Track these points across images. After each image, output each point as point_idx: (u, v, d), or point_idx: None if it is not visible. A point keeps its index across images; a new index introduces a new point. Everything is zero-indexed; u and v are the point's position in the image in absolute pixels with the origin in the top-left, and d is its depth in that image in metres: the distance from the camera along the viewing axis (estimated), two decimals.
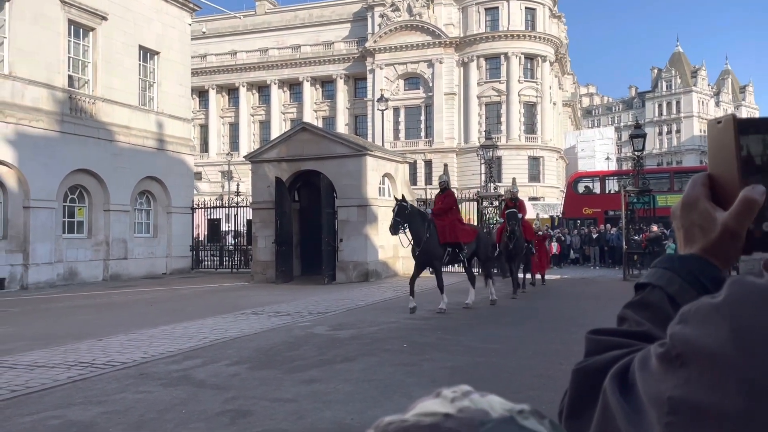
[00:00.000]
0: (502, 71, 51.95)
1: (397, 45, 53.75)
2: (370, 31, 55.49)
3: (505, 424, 0.49)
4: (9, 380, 6.74)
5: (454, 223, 12.09)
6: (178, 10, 25.55)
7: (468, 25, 52.87)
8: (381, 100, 32.55)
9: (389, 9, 54.53)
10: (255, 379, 6.78)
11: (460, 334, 9.43)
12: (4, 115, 18.18)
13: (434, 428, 0.49)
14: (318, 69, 58.35)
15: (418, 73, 54.12)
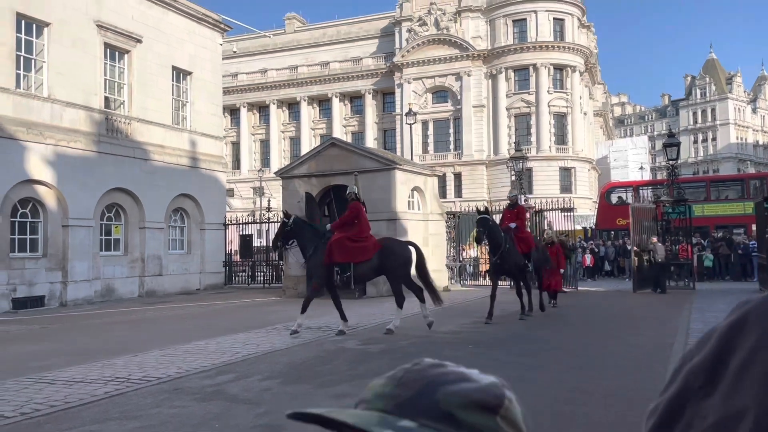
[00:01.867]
0: (531, 82, 51.67)
1: (425, 59, 53.96)
2: (398, 46, 55.83)
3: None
4: (48, 395, 6.90)
5: (342, 240, 10.69)
6: (209, 31, 26.13)
7: (496, 38, 52.81)
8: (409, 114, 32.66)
9: (416, 24, 54.84)
10: (287, 393, 6.81)
11: (493, 349, 9.33)
12: (43, 137, 18.77)
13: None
14: (346, 85, 58.89)
15: (447, 87, 54.18)
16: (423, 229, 20.52)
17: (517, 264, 12.48)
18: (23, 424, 5.87)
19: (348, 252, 10.59)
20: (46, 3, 19.17)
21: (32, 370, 8.43)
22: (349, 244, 10.63)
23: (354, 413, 0.61)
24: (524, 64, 51.65)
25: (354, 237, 10.72)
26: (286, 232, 11.05)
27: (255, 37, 62.87)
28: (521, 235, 12.79)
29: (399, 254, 10.98)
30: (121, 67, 22.16)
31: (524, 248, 12.71)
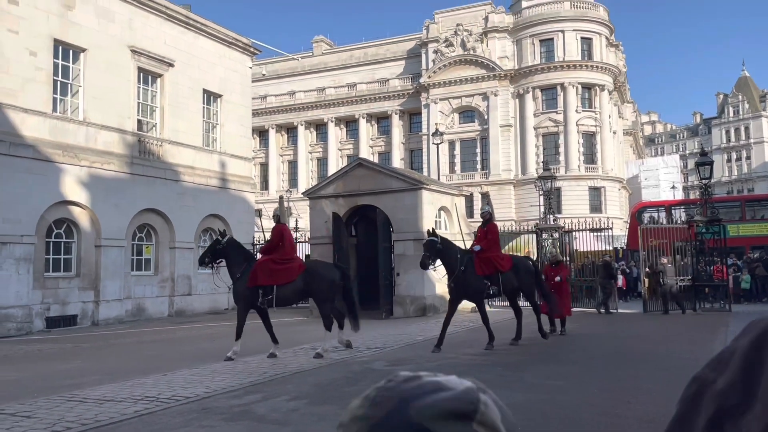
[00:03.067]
0: (559, 102, 51.41)
1: (452, 79, 54.16)
2: (425, 67, 56.18)
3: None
4: (80, 414, 6.98)
5: (266, 263, 10.71)
6: (239, 55, 26.66)
7: (523, 57, 52.79)
8: (436, 134, 32.72)
9: (443, 45, 55.17)
10: (314, 414, 6.78)
11: (522, 371, 9.18)
12: (78, 159, 19.26)
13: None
14: (373, 106, 59.35)
15: (473, 107, 54.21)
16: None
17: (474, 288, 11.35)
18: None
19: (271, 274, 10.54)
20: (82, 29, 19.80)
21: (64, 389, 8.55)
22: (273, 267, 10.59)
23: None
24: (552, 83, 51.46)
25: (277, 259, 10.70)
26: (216, 250, 11.15)
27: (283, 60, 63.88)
28: (484, 255, 11.50)
29: (323, 276, 10.80)
30: (153, 90, 22.71)
31: (486, 270, 11.41)
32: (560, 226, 22.07)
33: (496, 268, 11.51)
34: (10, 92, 17.65)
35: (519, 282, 12.05)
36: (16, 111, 17.77)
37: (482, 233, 12.03)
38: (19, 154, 17.60)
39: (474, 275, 11.28)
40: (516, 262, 12.19)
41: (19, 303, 17.38)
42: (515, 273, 11.88)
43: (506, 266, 11.69)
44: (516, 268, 11.94)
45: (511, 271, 11.79)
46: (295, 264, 10.79)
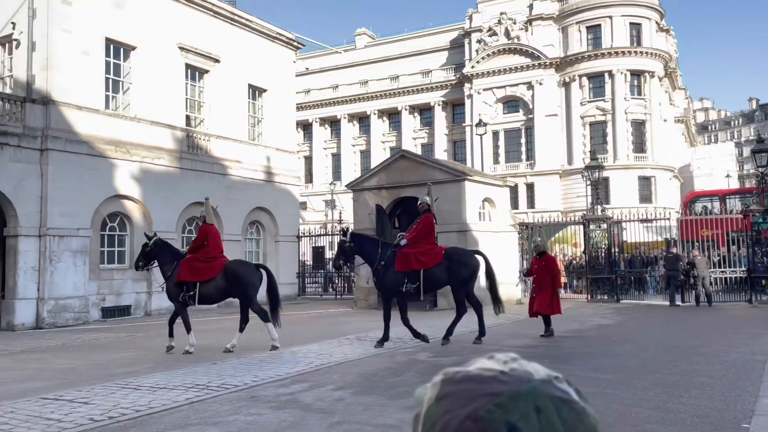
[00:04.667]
0: (607, 89, 50.12)
1: (495, 69, 53.44)
2: (468, 57, 55.58)
3: (545, 383, 0.69)
4: (134, 401, 7.23)
5: (191, 261, 10.97)
6: (283, 49, 26.95)
7: (569, 45, 51.63)
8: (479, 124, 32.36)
9: (486, 34, 54.46)
10: (359, 404, 6.84)
11: (569, 363, 9.04)
12: (130, 154, 19.85)
13: (493, 379, 0.70)
14: (416, 97, 59.12)
15: (518, 96, 53.39)
16: (494, 240, 20.22)
17: (386, 283, 10.96)
18: (111, 427, 6.16)
19: (194, 272, 10.85)
20: (133, 28, 20.35)
21: (119, 376, 8.87)
22: (196, 265, 10.91)
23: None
24: (599, 71, 50.19)
25: (201, 258, 10.99)
26: (146, 253, 11.47)
27: (327, 54, 64.27)
28: (406, 251, 10.85)
29: (243, 275, 11.01)
30: (200, 86, 23.19)
31: (403, 266, 10.77)
32: (608, 216, 21.58)
33: (414, 264, 10.77)
34: (65, 90, 18.29)
35: (451, 277, 10.99)
36: (71, 108, 18.42)
37: (415, 226, 11.32)
38: (74, 150, 18.25)
39: (392, 271, 10.85)
40: (449, 257, 11.04)
41: (76, 294, 18.06)
42: (446, 268, 10.93)
43: (431, 262, 10.84)
44: (449, 263, 10.94)
45: (441, 266, 10.91)
46: (218, 262, 11.05)
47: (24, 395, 7.73)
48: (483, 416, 0.66)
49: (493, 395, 0.68)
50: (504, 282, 20.46)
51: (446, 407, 0.69)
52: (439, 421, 0.69)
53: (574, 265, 24.98)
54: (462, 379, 0.71)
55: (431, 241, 11.11)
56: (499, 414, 0.66)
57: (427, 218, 11.09)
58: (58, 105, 18.06)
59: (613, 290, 20.76)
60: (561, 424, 0.67)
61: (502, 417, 0.66)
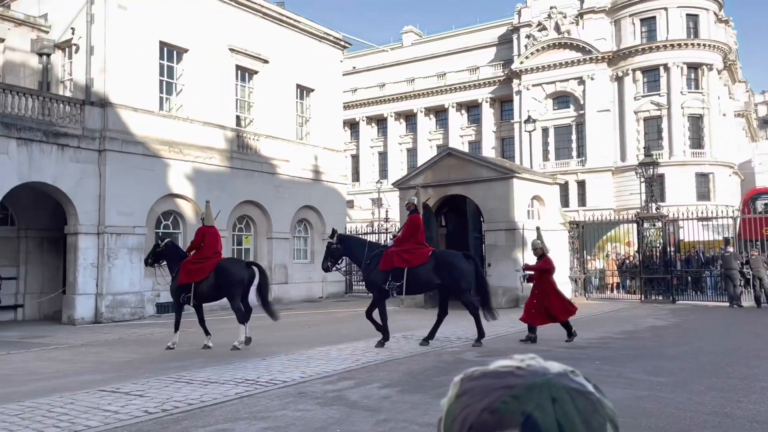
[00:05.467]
0: (662, 83, 48.56)
1: (545, 64, 52.49)
2: (516, 53, 54.79)
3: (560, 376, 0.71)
4: (186, 394, 7.42)
5: (186, 263, 11.47)
6: (330, 49, 27.18)
7: (621, 38, 50.26)
8: (528, 121, 31.85)
9: (536, 29, 53.55)
10: (405, 402, 6.84)
11: (621, 365, 8.80)
12: (183, 154, 20.40)
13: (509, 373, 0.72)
14: (463, 94, 58.67)
15: (568, 92, 52.30)
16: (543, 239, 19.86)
17: (371, 282, 11.11)
18: (164, 419, 6.35)
19: (188, 273, 11.35)
20: (185, 31, 20.89)
21: (172, 370, 9.12)
22: (190, 267, 11.39)
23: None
24: (654, 64, 48.67)
25: (194, 259, 11.49)
26: (156, 253, 12.03)
27: (373, 53, 64.50)
28: (390, 250, 10.95)
29: (232, 273, 11.42)
30: (250, 87, 23.62)
31: (386, 265, 10.78)
32: (663, 215, 20.91)
33: (396, 262, 10.75)
34: (121, 93, 18.93)
35: (440, 278, 10.89)
36: (127, 110, 19.05)
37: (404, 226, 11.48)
38: (130, 151, 18.87)
39: (376, 270, 10.91)
40: (436, 257, 10.99)
41: (132, 290, 18.68)
42: (433, 268, 10.83)
43: (416, 261, 10.77)
44: (435, 263, 10.85)
45: (427, 266, 10.81)
46: (210, 262, 11.45)
47: (83, 387, 8.04)
48: (499, 408, 0.68)
49: (509, 387, 0.69)
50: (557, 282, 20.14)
51: (465, 403, 0.71)
52: (459, 417, 0.71)
53: (627, 264, 24.33)
54: (479, 375, 0.73)
55: (418, 241, 11.05)
56: (514, 405, 0.68)
57: (414, 218, 11.14)
58: (115, 107, 18.71)
59: (668, 290, 20.12)
60: (577, 413, 0.68)
61: (518, 408, 0.67)
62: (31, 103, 17.18)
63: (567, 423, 0.67)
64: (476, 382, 0.73)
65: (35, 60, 20.23)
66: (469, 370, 0.76)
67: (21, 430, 6.02)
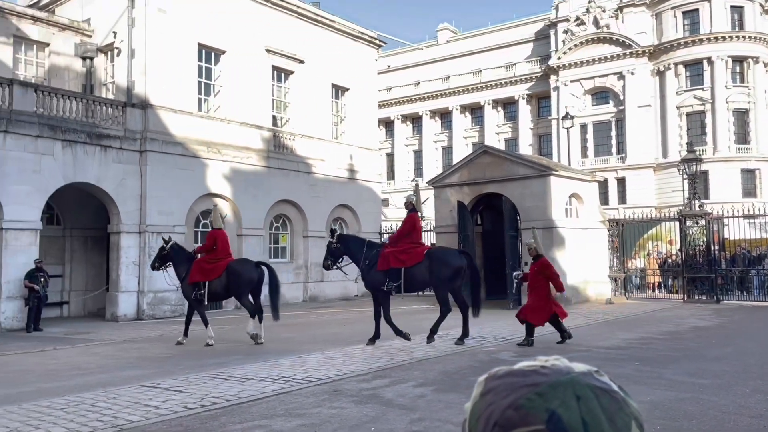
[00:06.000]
0: (706, 77, 47.18)
1: (584, 60, 51.55)
2: (554, 49, 53.97)
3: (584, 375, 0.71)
4: (224, 390, 7.55)
5: (200, 262, 12.12)
6: (365, 48, 27.25)
7: (663, 32, 49.01)
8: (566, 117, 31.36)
9: (574, 24, 52.64)
10: (440, 401, 6.81)
11: (662, 367, 8.60)
12: (221, 154, 20.73)
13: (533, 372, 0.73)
14: (499, 91, 58.08)
15: (607, 87, 51.26)
16: (582, 237, 19.56)
17: (369, 282, 11.26)
18: (203, 415, 6.47)
19: (202, 272, 11.99)
20: (223, 33, 21.22)
21: (211, 367, 9.29)
22: (205, 266, 12.06)
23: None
24: (697, 58, 47.33)
25: (209, 259, 12.16)
26: (163, 256, 12.57)
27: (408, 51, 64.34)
28: (386, 250, 11.11)
29: (242, 273, 12.14)
30: (286, 87, 23.87)
31: (383, 265, 10.90)
32: (707, 212, 20.33)
33: (392, 262, 10.85)
34: (161, 94, 19.34)
35: (432, 277, 10.95)
36: (167, 111, 19.46)
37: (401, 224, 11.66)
38: (169, 151, 19.27)
39: (374, 270, 11.05)
40: (430, 255, 11.02)
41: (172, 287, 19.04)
42: (427, 267, 10.89)
43: (411, 261, 10.85)
44: (429, 262, 10.89)
45: (422, 265, 10.87)
46: (223, 263, 12.13)
47: (125, 382, 8.26)
48: (523, 404, 0.69)
49: (534, 385, 0.70)
50: (593, 281, 19.81)
51: (489, 401, 0.72)
52: (483, 414, 0.71)
53: (669, 263, 23.75)
54: (504, 374, 0.74)
55: (415, 240, 11.16)
56: (539, 402, 0.68)
57: (411, 218, 11.23)
58: (155, 108, 19.13)
59: (712, 290, 19.55)
60: (601, 411, 0.68)
61: (543, 404, 0.68)
62: (76, 106, 17.71)
63: (592, 420, 0.67)
64: (500, 381, 0.73)
65: (79, 63, 20.83)
66: (494, 370, 0.77)
67: (66, 423, 6.21)
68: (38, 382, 8.67)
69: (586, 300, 19.31)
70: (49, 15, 20.79)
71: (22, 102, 16.42)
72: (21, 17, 19.81)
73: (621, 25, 50.43)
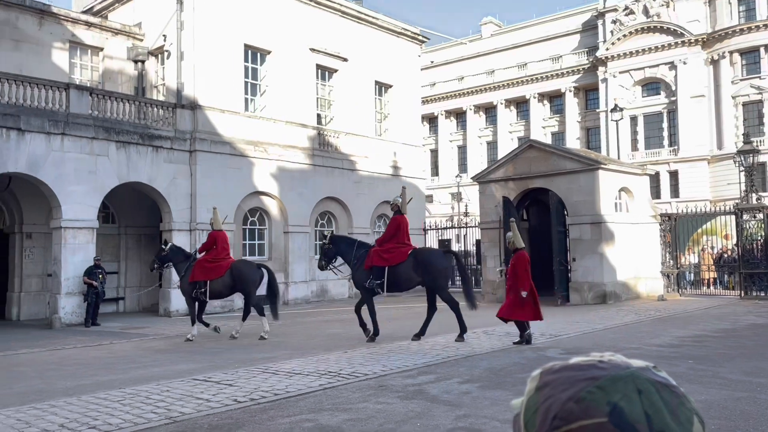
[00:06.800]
0: (763, 65, 45.27)
1: (633, 50, 50.16)
2: (602, 39, 52.70)
3: (643, 370, 0.72)
4: (272, 385, 7.69)
5: (202, 262, 12.57)
6: (408, 44, 27.20)
7: (717, 19, 47.25)
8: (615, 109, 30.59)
9: (622, 13, 51.26)
10: (486, 398, 6.78)
11: (717, 365, 8.33)
12: (268, 153, 21.07)
13: (592, 366, 0.72)
14: (545, 84, 57.09)
15: (658, 78, 49.76)
16: (632, 233, 19.08)
17: (356, 281, 11.72)
18: (252, 408, 6.61)
19: (204, 272, 12.44)
20: (268, 34, 21.55)
21: (259, 361, 9.48)
22: (206, 265, 12.52)
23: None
24: (753, 45, 45.45)
25: (210, 259, 12.60)
26: (162, 257, 13.20)
27: (452, 46, 63.91)
28: (373, 250, 11.51)
29: (246, 273, 12.60)
30: (329, 85, 24.06)
31: (368, 263, 11.33)
32: (765, 205, 19.53)
33: (375, 261, 11.25)
34: (209, 95, 19.79)
35: (419, 275, 11.16)
36: (215, 112, 19.89)
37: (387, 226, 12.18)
38: (218, 151, 19.71)
39: (360, 269, 11.45)
40: (415, 255, 11.24)
41: None
42: (413, 266, 11.12)
43: (394, 260, 11.15)
44: (414, 261, 11.13)
45: (406, 264, 11.13)
46: (225, 263, 12.62)
47: (178, 376, 8.51)
48: (584, 397, 0.68)
49: (593, 379, 0.70)
50: (644, 277, 19.31)
51: (547, 394, 0.72)
52: (541, 407, 0.71)
53: (725, 258, 22.93)
54: (561, 368, 0.74)
55: (400, 241, 11.46)
56: (600, 395, 0.68)
57: (395, 219, 11.65)
58: (203, 109, 19.59)
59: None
60: (663, 405, 0.68)
61: (604, 398, 0.68)
62: (128, 108, 18.29)
63: (655, 414, 0.67)
64: (557, 375, 0.73)
65: (131, 67, 21.49)
66: (549, 365, 0.77)
67: (122, 415, 6.45)
68: (96, 375, 9.02)
69: (636, 297, 18.85)
70: (102, 20, 21.51)
71: (78, 105, 17.06)
72: (76, 23, 20.56)
73: (672, 13, 48.87)
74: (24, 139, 15.90)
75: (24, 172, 16.02)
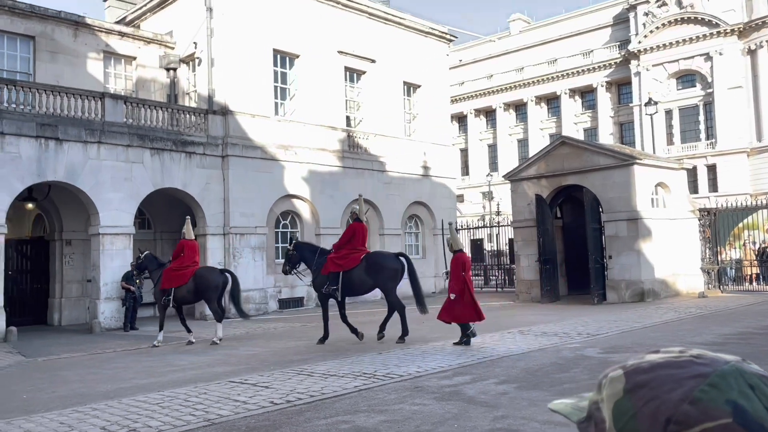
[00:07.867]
0: None
1: (667, 42, 49.07)
2: (634, 32, 51.68)
3: (740, 363, 0.67)
4: (308, 386, 7.70)
5: (169, 270, 12.98)
6: (436, 43, 27.09)
7: (754, 8, 45.91)
8: (649, 103, 29.94)
9: (655, 5, 50.20)
10: (524, 399, 6.67)
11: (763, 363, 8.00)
12: (298, 156, 21.20)
13: (690, 362, 0.66)
14: (576, 80, 56.25)
15: (693, 70, 48.59)
16: (670, 228, 18.64)
17: (315, 286, 12.18)
18: (288, 410, 6.63)
19: (170, 279, 12.86)
20: (296, 37, 21.68)
21: (295, 363, 9.52)
22: (172, 274, 12.92)
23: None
24: None
25: (175, 267, 12.98)
26: (138, 265, 13.93)
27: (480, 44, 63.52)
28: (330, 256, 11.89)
29: (208, 279, 12.93)
30: (358, 87, 24.10)
31: (324, 270, 11.83)
32: None
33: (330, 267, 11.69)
34: (240, 101, 20.00)
35: (371, 278, 11.69)
36: (245, 117, 20.10)
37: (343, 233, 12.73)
38: (249, 155, 19.90)
39: (319, 274, 11.88)
40: (367, 259, 11.73)
41: (256, 287, 19.70)
42: (365, 270, 11.61)
43: (348, 265, 11.61)
44: (366, 265, 11.62)
45: (359, 269, 11.61)
46: (189, 270, 12.94)
47: (215, 378, 8.59)
48: (700, 397, 0.63)
49: (701, 376, 0.65)
50: (683, 273, 18.85)
51: (647, 396, 0.66)
52: (642, 412, 0.65)
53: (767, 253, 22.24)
54: (653, 367, 0.68)
55: (355, 246, 11.85)
56: (715, 393, 0.63)
57: (352, 226, 12.14)
58: (234, 114, 19.80)
59: None
60: None
61: (721, 396, 0.63)
62: (162, 115, 18.60)
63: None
64: (653, 375, 0.67)
65: (163, 74, 21.86)
66: (629, 364, 0.71)
67: (162, 417, 6.53)
68: (135, 378, 9.17)
69: (676, 294, 18.42)
70: (135, 30, 21.93)
71: (113, 114, 17.42)
72: (109, 33, 21.00)
73: (707, 3, 47.68)
74: (62, 149, 16.29)
75: (63, 180, 16.41)
